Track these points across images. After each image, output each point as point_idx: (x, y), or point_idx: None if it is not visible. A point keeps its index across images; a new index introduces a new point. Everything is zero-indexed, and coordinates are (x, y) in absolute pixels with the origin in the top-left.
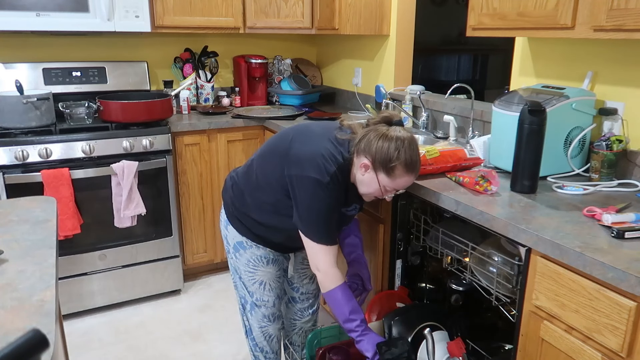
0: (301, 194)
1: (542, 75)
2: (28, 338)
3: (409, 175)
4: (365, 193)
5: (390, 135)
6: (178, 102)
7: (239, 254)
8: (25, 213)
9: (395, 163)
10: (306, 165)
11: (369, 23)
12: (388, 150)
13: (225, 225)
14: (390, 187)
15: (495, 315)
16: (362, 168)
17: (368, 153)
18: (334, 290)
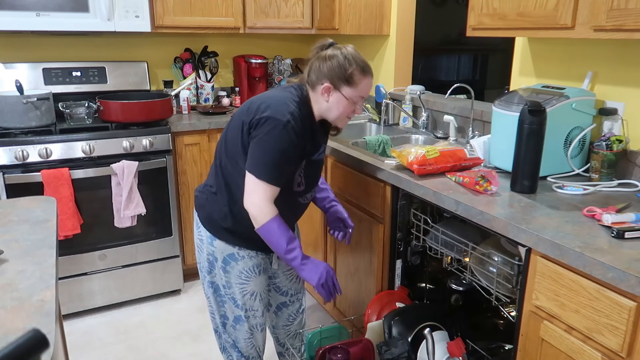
0: (257, 135)
1: (542, 75)
2: (28, 338)
3: (367, 77)
4: (337, 116)
5: (332, 54)
6: (178, 102)
7: (230, 267)
8: (25, 213)
9: (350, 70)
10: (264, 109)
11: (369, 23)
12: (339, 63)
13: (209, 243)
14: (356, 96)
15: (495, 315)
16: (324, 94)
17: (323, 77)
18: (268, 223)
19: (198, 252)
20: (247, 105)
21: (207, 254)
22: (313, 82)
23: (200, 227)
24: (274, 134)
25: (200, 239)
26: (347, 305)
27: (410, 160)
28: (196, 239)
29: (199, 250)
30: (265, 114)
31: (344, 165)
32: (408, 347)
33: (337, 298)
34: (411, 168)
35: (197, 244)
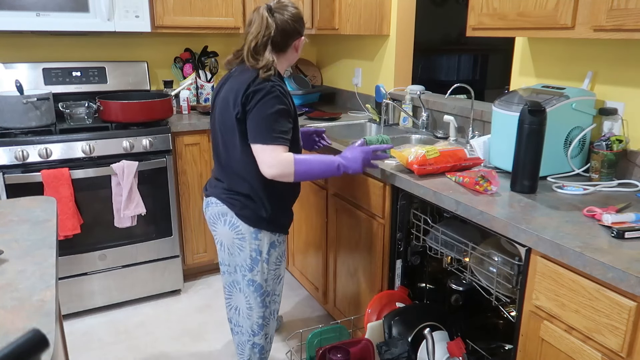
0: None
1: (542, 75)
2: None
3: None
4: (291, 63)
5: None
6: (178, 102)
7: (270, 256)
8: (25, 213)
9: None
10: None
11: (369, 23)
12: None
13: (253, 238)
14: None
15: (495, 315)
16: (299, 46)
17: (296, 34)
18: (296, 164)
19: (238, 251)
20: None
21: (250, 250)
22: (283, 45)
23: (240, 225)
24: (263, 101)
25: (242, 237)
26: (347, 305)
27: (410, 160)
28: (233, 239)
29: (240, 250)
30: (252, 89)
31: None
32: (408, 347)
33: (337, 298)
34: (411, 168)
35: (237, 243)
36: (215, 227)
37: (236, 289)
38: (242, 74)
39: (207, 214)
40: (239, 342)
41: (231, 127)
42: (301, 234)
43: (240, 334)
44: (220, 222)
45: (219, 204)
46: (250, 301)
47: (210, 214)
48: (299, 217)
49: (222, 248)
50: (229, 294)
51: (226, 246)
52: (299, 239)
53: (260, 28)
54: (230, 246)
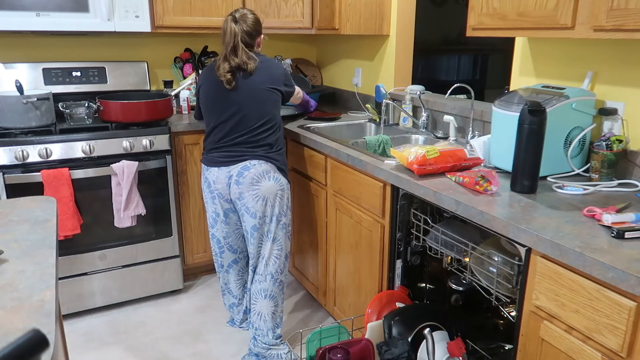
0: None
1: (542, 75)
2: (28, 338)
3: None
4: None
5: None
6: (178, 102)
7: (288, 197)
8: (25, 213)
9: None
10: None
11: (369, 23)
12: (257, 20)
13: (288, 188)
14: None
15: (495, 315)
16: (260, 44)
17: (257, 34)
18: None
19: (279, 202)
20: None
21: (287, 198)
22: (252, 43)
23: (281, 178)
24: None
25: (282, 188)
26: (347, 305)
27: (410, 160)
28: (277, 191)
29: (280, 200)
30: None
31: (344, 165)
32: (408, 347)
33: (337, 298)
34: (411, 168)
35: (279, 195)
36: (259, 184)
37: (268, 237)
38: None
39: (248, 176)
40: (264, 288)
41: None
42: (301, 234)
43: (264, 281)
44: (265, 178)
45: (262, 164)
46: (281, 242)
47: (253, 174)
48: (299, 217)
49: (264, 202)
50: (258, 245)
51: (269, 200)
52: (299, 239)
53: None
54: (273, 198)
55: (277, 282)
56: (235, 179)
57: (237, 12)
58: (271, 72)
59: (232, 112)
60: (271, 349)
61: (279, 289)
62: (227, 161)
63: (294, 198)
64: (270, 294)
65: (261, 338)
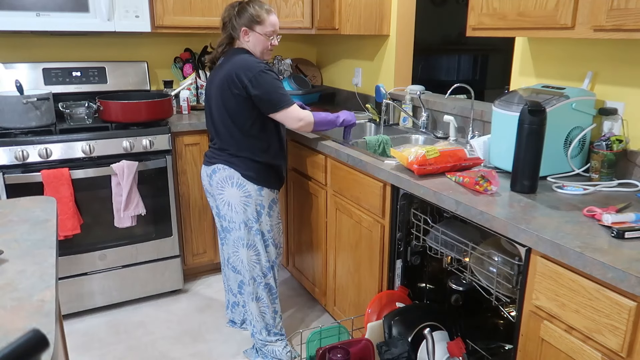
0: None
1: (542, 75)
2: (28, 338)
3: (271, 14)
4: (262, 50)
5: (239, 7)
6: (178, 102)
7: (273, 211)
8: (25, 213)
9: (255, 12)
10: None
11: (369, 23)
12: (245, 10)
13: (258, 195)
14: (268, 31)
15: (495, 315)
16: (245, 37)
17: (240, 25)
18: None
19: (244, 208)
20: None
21: (255, 205)
22: (237, 33)
23: (247, 184)
24: (263, 80)
25: (248, 195)
26: (347, 305)
27: (410, 160)
28: (241, 197)
29: (245, 207)
30: (248, 78)
31: (344, 165)
32: (408, 347)
33: (337, 298)
34: (411, 168)
35: (244, 201)
36: (223, 190)
37: (241, 243)
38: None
39: (214, 181)
40: (250, 292)
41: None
42: (301, 234)
43: (247, 285)
44: (228, 184)
45: (226, 169)
46: (258, 248)
47: (217, 180)
48: (299, 217)
49: (229, 207)
50: (234, 249)
51: (233, 205)
52: (299, 238)
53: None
54: (237, 205)
55: (262, 285)
56: (209, 181)
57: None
58: (232, 65)
59: (207, 108)
60: (267, 344)
61: (265, 291)
62: (207, 161)
63: (294, 198)
64: (256, 296)
65: (257, 335)
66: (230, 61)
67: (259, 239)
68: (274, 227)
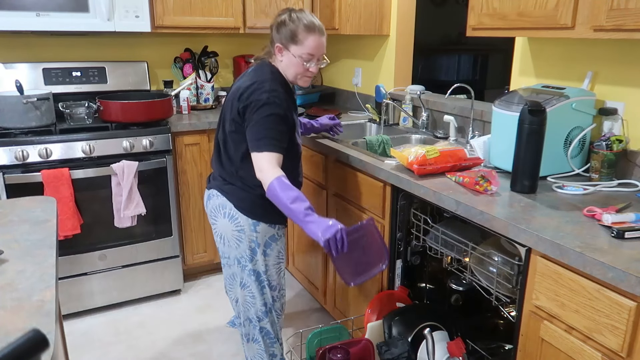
0: (248, 119)
1: (542, 75)
2: (28, 338)
3: (313, 35)
4: (294, 75)
5: (282, 18)
6: (178, 102)
7: (270, 249)
8: (25, 213)
9: (294, 29)
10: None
11: (369, 23)
12: (285, 24)
13: (252, 230)
14: (304, 54)
15: (495, 315)
16: (278, 54)
17: (276, 40)
18: (272, 183)
19: (236, 243)
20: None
21: (249, 242)
22: (272, 49)
23: (239, 217)
24: (260, 111)
25: (240, 229)
26: (347, 305)
27: (410, 160)
28: (232, 231)
29: (238, 242)
30: (249, 100)
31: (344, 165)
32: (408, 347)
33: (337, 298)
34: (411, 168)
35: (236, 235)
36: (216, 219)
37: (235, 281)
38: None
39: (208, 208)
40: (246, 332)
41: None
42: (301, 233)
43: (242, 325)
44: (220, 214)
45: (219, 196)
46: (252, 290)
47: (211, 207)
48: None
49: (222, 241)
50: (230, 286)
51: (226, 239)
52: (299, 238)
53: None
54: (230, 239)
55: (257, 328)
56: (206, 206)
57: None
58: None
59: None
60: None
61: (261, 335)
62: (207, 183)
63: None
64: (252, 337)
65: None
66: (248, 74)
67: (253, 280)
68: (271, 268)
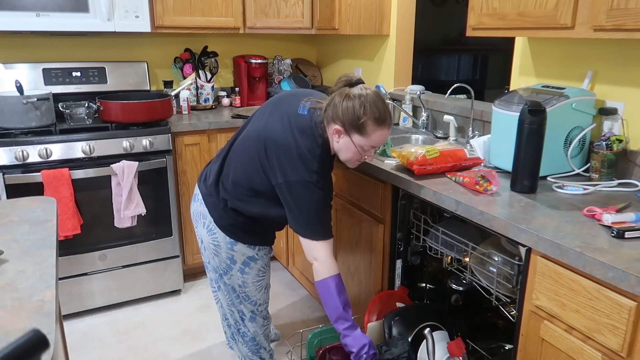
0: (294, 199)
1: (542, 75)
2: (28, 338)
3: (381, 129)
4: (346, 159)
5: (352, 94)
6: (178, 102)
7: (249, 268)
8: (25, 213)
9: (363, 119)
10: (284, 168)
11: (369, 23)
12: (354, 109)
13: (228, 248)
14: (366, 145)
15: (495, 315)
16: (335, 135)
17: (337, 118)
18: (328, 280)
19: (213, 255)
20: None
21: (225, 257)
22: (329, 118)
23: (217, 233)
24: (308, 195)
25: (217, 244)
26: None
27: (410, 160)
28: (209, 243)
29: (215, 254)
30: (292, 178)
31: (344, 165)
32: (408, 347)
33: None
34: (411, 168)
35: (212, 248)
36: (197, 225)
37: (216, 285)
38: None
39: (192, 208)
40: (232, 333)
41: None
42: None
43: (229, 326)
44: (200, 223)
45: (202, 204)
46: (228, 299)
47: (194, 210)
48: None
49: (202, 245)
50: (212, 288)
51: (205, 246)
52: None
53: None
54: (208, 247)
55: (240, 332)
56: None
57: (360, 85)
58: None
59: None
60: None
61: (245, 340)
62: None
63: None
64: (237, 339)
65: None
66: (294, 126)
67: (230, 291)
68: (249, 285)
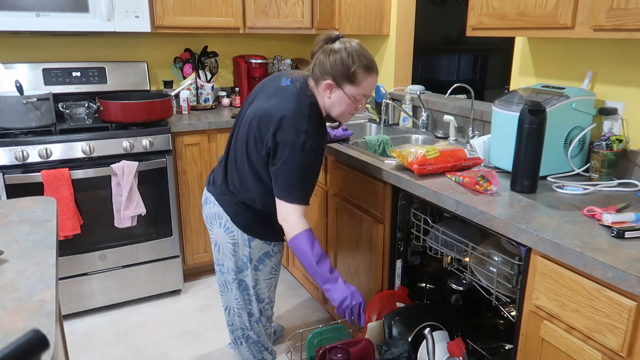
0: (278, 160)
1: (542, 75)
2: (28, 338)
3: (371, 76)
4: (339, 113)
5: (337, 48)
6: (178, 102)
7: (263, 265)
8: (25, 213)
9: (353, 68)
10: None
11: (369, 23)
12: (342, 60)
13: (246, 245)
14: (358, 94)
15: (495, 315)
16: (327, 90)
17: (325, 73)
18: (297, 236)
19: (230, 255)
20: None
21: (242, 255)
22: (317, 77)
23: (235, 230)
24: (294, 156)
25: (234, 242)
26: None
27: (410, 160)
28: (226, 242)
29: (232, 253)
30: (280, 140)
31: (344, 165)
32: (408, 347)
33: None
34: (411, 168)
35: (230, 247)
36: (212, 227)
37: (227, 288)
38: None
39: (205, 212)
40: (235, 337)
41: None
42: None
43: (233, 331)
44: (216, 223)
45: (216, 205)
46: (239, 300)
47: (207, 213)
48: None
49: (217, 248)
50: (221, 292)
51: (221, 247)
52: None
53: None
54: (224, 248)
55: (245, 335)
56: (203, 208)
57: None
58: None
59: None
60: None
61: (249, 343)
62: (206, 184)
63: None
64: (241, 343)
65: None
66: (281, 96)
67: (241, 291)
68: (261, 283)
